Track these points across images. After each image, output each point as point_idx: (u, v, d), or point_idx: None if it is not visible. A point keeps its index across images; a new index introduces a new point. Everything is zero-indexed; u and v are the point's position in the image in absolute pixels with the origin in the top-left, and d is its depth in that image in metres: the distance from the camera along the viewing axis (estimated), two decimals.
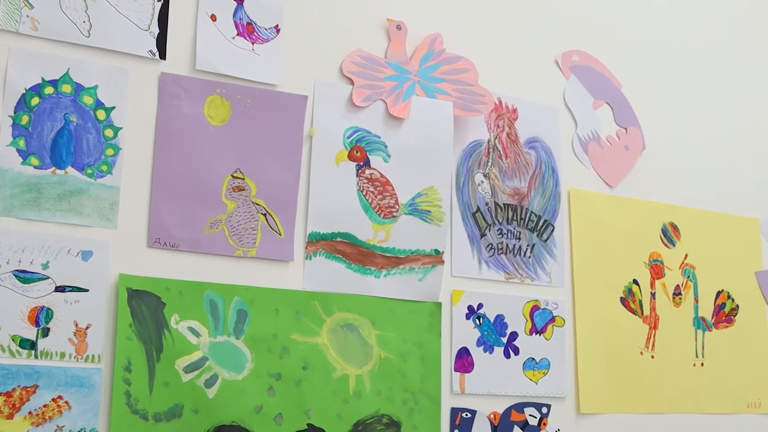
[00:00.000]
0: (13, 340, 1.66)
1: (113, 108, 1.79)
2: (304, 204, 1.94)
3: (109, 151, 1.78)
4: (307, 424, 1.86)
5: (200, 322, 1.79)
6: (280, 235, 1.90)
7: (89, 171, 1.75)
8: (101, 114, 1.78)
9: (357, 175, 2.00)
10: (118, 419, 1.69)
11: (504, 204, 2.19)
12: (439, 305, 2.05)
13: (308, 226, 1.94)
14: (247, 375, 1.82)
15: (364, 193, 2.00)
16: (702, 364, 2.42)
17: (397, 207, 2.03)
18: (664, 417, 2.33)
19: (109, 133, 1.78)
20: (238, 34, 1.93)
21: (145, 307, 1.75)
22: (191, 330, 1.78)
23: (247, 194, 1.88)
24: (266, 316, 1.85)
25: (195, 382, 1.76)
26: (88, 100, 1.77)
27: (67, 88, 1.76)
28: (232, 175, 1.87)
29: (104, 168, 1.77)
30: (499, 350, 2.12)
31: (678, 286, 2.43)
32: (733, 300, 2.52)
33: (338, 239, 1.96)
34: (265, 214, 1.89)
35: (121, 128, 1.79)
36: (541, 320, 2.18)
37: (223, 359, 1.80)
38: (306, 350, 1.88)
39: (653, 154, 2.47)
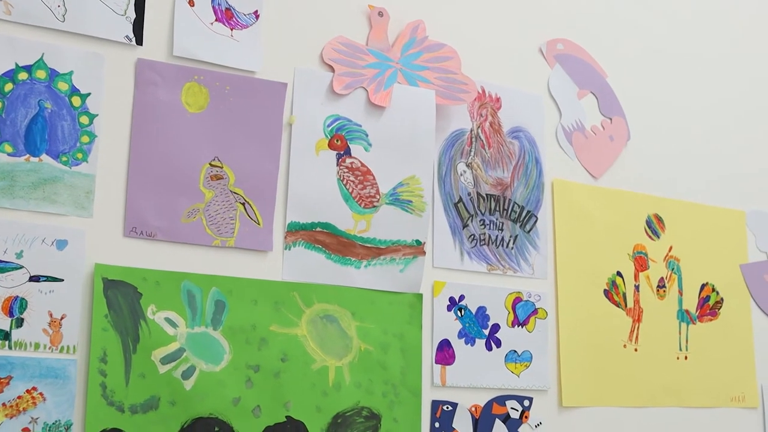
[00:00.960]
0: None
1: (89, 94, 1.80)
2: (283, 193, 1.95)
3: (85, 139, 1.79)
4: (286, 417, 1.88)
5: (177, 312, 1.81)
6: (258, 224, 1.92)
7: (64, 159, 1.76)
8: (76, 100, 1.79)
9: (337, 164, 2.01)
10: (94, 411, 1.70)
11: (487, 194, 2.21)
12: (420, 297, 2.07)
13: (287, 215, 1.95)
14: (224, 367, 1.83)
15: (345, 182, 2.01)
16: (686, 358, 2.45)
17: (378, 197, 2.05)
18: (647, 410, 2.36)
19: (84, 120, 1.79)
20: (216, 20, 1.94)
21: (121, 298, 1.76)
22: (168, 321, 1.79)
23: (225, 183, 1.89)
24: (244, 307, 1.87)
25: (172, 374, 1.78)
26: (63, 87, 1.78)
27: (41, 74, 1.76)
28: (210, 164, 1.88)
29: (79, 156, 1.78)
30: (480, 342, 2.14)
31: (662, 278, 2.45)
32: (717, 293, 2.55)
33: (318, 229, 1.98)
34: (243, 204, 1.91)
35: (97, 115, 1.80)
36: (523, 312, 2.21)
37: (201, 350, 1.81)
38: (285, 342, 1.90)
39: (638, 145, 2.49)
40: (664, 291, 2.45)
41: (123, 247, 1.79)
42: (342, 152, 2.02)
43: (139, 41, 1.85)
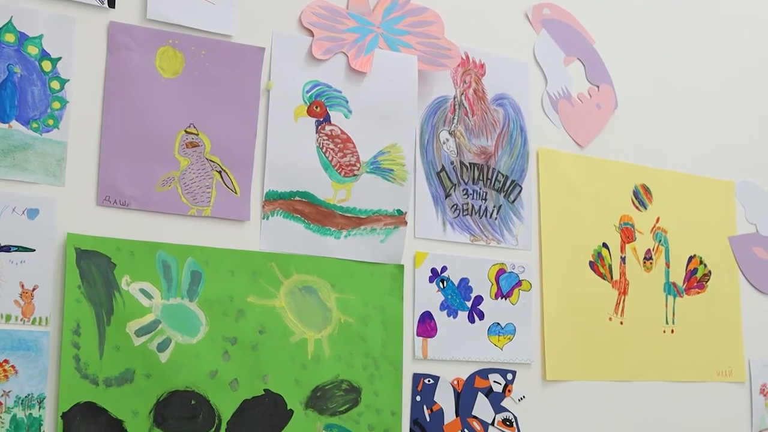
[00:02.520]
0: None
1: (59, 59, 1.80)
2: (260, 161, 1.97)
3: (56, 105, 1.79)
4: (264, 390, 1.90)
5: (152, 283, 1.82)
6: (235, 193, 1.94)
7: (35, 125, 1.77)
8: (47, 65, 1.79)
9: (316, 132, 2.03)
10: (67, 384, 1.72)
11: (470, 163, 2.23)
12: (401, 268, 2.09)
13: (265, 184, 1.97)
14: (201, 339, 1.85)
15: (324, 150, 2.03)
16: (672, 331, 2.49)
17: (358, 165, 2.07)
18: (632, 384, 2.40)
19: (55, 85, 1.79)
20: None
21: (94, 268, 1.77)
22: (143, 292, 1.81)
23: (201, 150, 1.91)
24: (221, 278, 1.89)
25: (147, 346, 1.80)
26: (32, 51, 1.78)
27: (10, 38, 1.76)
28: (185, 131, 1.90)
29: (50, 122, 1.78)
30: (463, 315, 2.17)
31: (649, 250, 2.48)
32: (705, 265, 2.58)
33: (297, 198, 2.00)
34: (220, 172, 1.92)
35: (68, 80, 1.80)
36: (507, 284, 2.24)
37: (177, 322, 1.83)
38: (263, 313, 1.92)
39: (626, 113, 2.51)
40: (651, 263, 2.48)
41: (96, 216, 1.80)
42: (321, 119, 2.04)
43: (112, 4, 1.85)
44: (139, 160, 1.85)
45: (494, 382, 2.19)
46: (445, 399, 2.11)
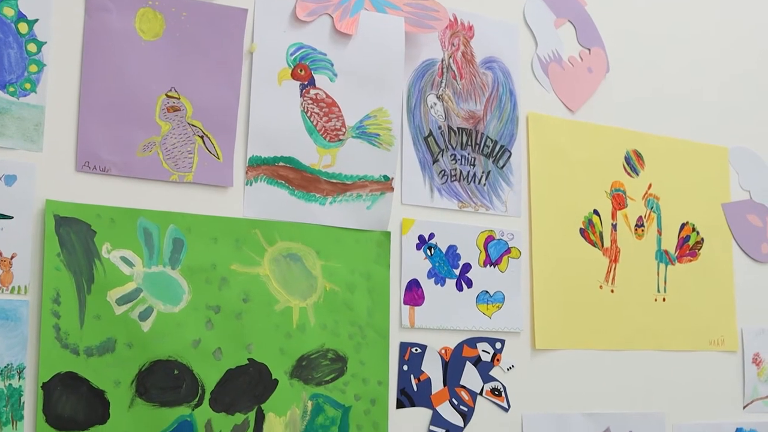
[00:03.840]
0: None
1: (36, 21, 1.79)
2: (244, 126, 1.97)
3: (33, 68, 1.79)
4: (248, 359, 1.92)
5: (133, 251, 1.83)
6: (218, 158, 1.95)
7: (11, 89, 1.76)
8: (23, 27, 1.78)
9: (301, 96, 2.03)
10: (48, 354, 1.73)
11: (458, 128, 2.24)
12: (388, 234, 2.11)
13: (248, 149, 1.97)
14: (184, 307, 1.87)
15: (309, 114, 2.04)
16: (664, 300, 2.51)
17: (343, 130, 2.08)
18: (623, 354, 2.43)
19: (32, 48, 1.79)
20: None
21: (74, 236, 1.78)
22: (124, 260, 1.82)
23: (183, 115, 1.91)
24: (204, 245, 1.90)
25: (128, 315, 1.81)
26: (8, 12, 1.77)
27: None
28: (166, 94, 1.90)
29: (28, 86, 1.78)
30: (451, 282, 2.19)
31: (640, 217, 2.50)
32: (698, 233, 2.60)
33: (281, 164, 2.00)
34: (202, 137, 1.93)
35: (46, 43, 1.80)
36: (495, 251, 2.25)
37: (159, 291, 1.85)
38: (246, 281, 1.93)
39: (618, 77, 2.52)
40: (643, 230, 2.50)
41: (75, 182, 1.81)
42: (306, 83, 2.04)
43: None
44: (119, 124, 1.85)
45: (483, 351, 2.21)
46: (432, 368, 2.13)
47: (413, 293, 2.13)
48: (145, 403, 1.81)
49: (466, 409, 2.16)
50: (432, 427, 2.12)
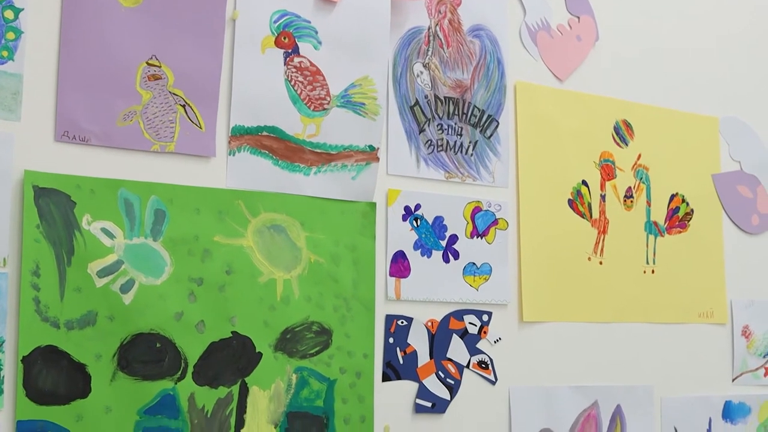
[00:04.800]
0: None
1: None
2: (226, 95, 1.97)
3: (10, 35, 1.78)
4: (232, 332, 1.93)
5: (114, 222, 1.83)
6: (200, 128, 1.94)
7: None
8: None
9: (285, 64, 2.03)
10: (27, 327, 1.73)
11: (445, 97, 2.24)
12: (373, 205, 2.11)
13: (231, 119, 1.97)
14: (166, 280, 1.87)
15: (293, 83, 2.04)
16: (653, 272, 2.53)
17: (328, 99, 2.07)
18: (611, 326, 2.44)
19: (9, 14, 1.78)
20: None
21: (53, 207, 1.78)
22: (105, 231, 1.82)
23: (164, 83, 1.91)
24: (186, 217, 1.90)
25: (110, 288, 1.81)
26: None
27: None
28: (147, 63, 1.89)
29: (5, 54, 1.77)
30: (437, 254, 2.19)
31: (630, 188, 2.51)
32: (687, 204, 2.61)
33: (264, 133, 2.00)
34: (183, 106, 1.92)
35: (23, 9, 1.79)
36: (482, 223, 2.26)
37: (140, 263, 1.85)
38: (230, 253, 1.94)
39: (607, 46, 2.52)
40: (632, 201, 2.51)
41: (54, 152, 1.80)
42: (290, 51, 2.04)
43: None
44: (99, 93, 1.84)
45: (469, 323, 2.22)
46: (418, 341, 2.15)
47: (399, 265, 2.14)
48: (127, 377, 1.82)
49: (452, 382, 2.18)
50: (418, 401, 2.14)
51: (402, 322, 2.13)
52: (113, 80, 1.86)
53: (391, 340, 2.11)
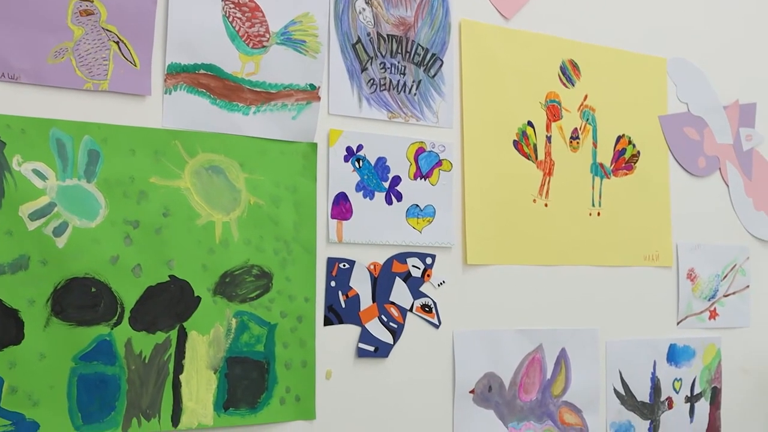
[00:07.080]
0: None
1: None
2: (162, 31, 1.96)
3: None
4: (169, 276, 1.94)
5: (46, 163, 1.83)
6: (135, 65, 1.93)
7: None
8: None
9: None
10: None
11: (388, 35, 2.25)
12: (314, 146, 2.12)
13: (167, 56, 1.96)
14: (100, 222, 1.87)
15: (231, 19, 2.03)
16: (599, 214, 2.57)
17: (267, 36, 2.07)
18: (556, 269, 2.49)
19: None
20: None
21: None
22: (36, 172, 1.82)
23: (97, 19, 1.89)
24: (121, 157, 1.90)
25: (42, 231, 1.81)
26: None
27: None
28: None
29: None
30: (380, 196, 2.21)
31: (576, 129, 2.54)
32: (634, 146, 2.65)
33: (201, 71, 2.00)
34: (117, 42, 1.91)
35: None
36: (426, 164, 2.28)
37: (74, 205, 1.84)
38: (166, 195, 1.94)
39: None
40: (578, 143, 2.54)
41: None
42: None
43: None
44: (28, 29, 1.82)
45: (413, 266, 2.25)
46: (361, 284, 2.17)
47: (341, 207, 2.15)
48: (62, 323, 1.82)
49: (395, 326, 2.21)
50: (360, 345, 2.17)
51: (344, 265, 2.15)
52: (43, 15, 1.84)
53: (332, 283, 2.13)
